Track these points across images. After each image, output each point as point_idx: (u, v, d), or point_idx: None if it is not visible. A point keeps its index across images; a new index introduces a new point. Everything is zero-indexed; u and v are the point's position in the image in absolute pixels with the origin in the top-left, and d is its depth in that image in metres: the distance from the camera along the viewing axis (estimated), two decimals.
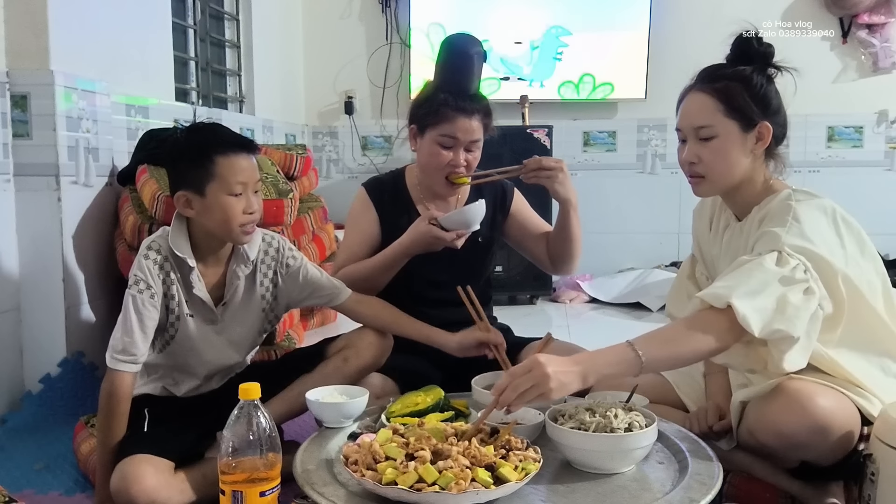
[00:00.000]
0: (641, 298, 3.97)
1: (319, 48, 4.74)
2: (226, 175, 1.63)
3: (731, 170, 1.55)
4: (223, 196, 1.63)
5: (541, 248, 2.13)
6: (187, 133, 1.73)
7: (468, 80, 1.98)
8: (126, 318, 1.60)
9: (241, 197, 1.65)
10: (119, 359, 1.58)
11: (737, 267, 1.43)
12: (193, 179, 1.64)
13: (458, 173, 1.97)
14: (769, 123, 1.54)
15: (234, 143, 1.68)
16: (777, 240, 1.42)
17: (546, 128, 4.05)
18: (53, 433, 2.14)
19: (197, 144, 1.67)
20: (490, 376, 1.73)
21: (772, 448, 1.46)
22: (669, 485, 1.31)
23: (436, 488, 1.18)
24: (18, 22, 2.25)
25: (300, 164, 3.02)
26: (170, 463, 1.53)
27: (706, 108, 1.55)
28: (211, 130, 1.72)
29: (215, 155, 1.63)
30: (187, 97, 3.57)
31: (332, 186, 4.69)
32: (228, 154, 1.64)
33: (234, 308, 1.76)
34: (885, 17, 4.27)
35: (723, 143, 1.54)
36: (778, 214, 1.48)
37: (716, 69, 1.59)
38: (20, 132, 2.27)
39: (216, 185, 1.63)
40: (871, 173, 4.48)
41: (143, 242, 1.69)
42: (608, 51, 4.47)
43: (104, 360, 1.60)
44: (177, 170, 1.70)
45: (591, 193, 4.64)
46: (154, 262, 1.65)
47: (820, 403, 1.38)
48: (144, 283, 1.63)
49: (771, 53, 1.58)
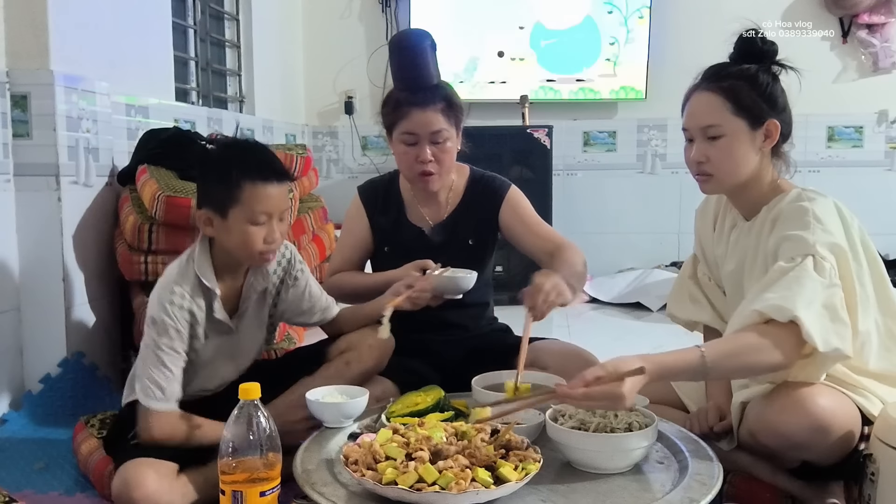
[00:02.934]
0: (641, 298, 3.97)
1: (319, 48, 4.73)
2: (251, 203, 1.56)
3: (740, 168, 1.56)
4: (245, 223, 1.57)
5: (538, 247, 2.00)
6: (221, 147, 1.66)
7: (423, 74, 1.93)
8: (157, 364, 1.54)
9: (264, 226, 1.59)
10: (154, 397, 1.53)
11: (780, 275, 1.42)
12: (217, 199, 1.58)
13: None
14: (777, 121, 1.54)
15: (266, 169, 1.58)
16: (806, 243, 1.43)
17: (546, 128, 4.05)
18: (53, 433, 2.14)
19: (227, 164, 1.58)
20: (490, 376, 1.73)
21: (772, 448, 1.46)
22: (669, 485, 1.31)
23: (436, 488, 1.18)
24: (18, 22, 2.25)
25: (300, 164, 3.02)
26: (173, 465, 1.52)
27: (713, 107, 1.55)
28: (245, 150, 1.63)
29: (243, 180, 1.55)
30: (187, 97, 3.57)
31: (332, 186, 4.69)
32: (257, 182, 1.56)
33: (246, 318, 1.74)
34: (885, 17, 4.27)
35: (731, 141, 1.54)
36: (795, 215, 1.48)
37: (721, 68, 1.59)
38: (20, 132, 2.27)
39: (239, 210, 1.57)
40: (871, 173, 4.48)
41: (165, 285, 1.60)
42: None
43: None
44: (203, 185, 1.64)
45: (591, 193, 4.65)
46: (180, 308, 1.58)
47: (820, 403, 1.38)
48: (174, 329, 1.56)
49: (775, 51, 1.59)
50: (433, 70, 1.95)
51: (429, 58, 1.94)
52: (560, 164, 4.48)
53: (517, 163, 4.02)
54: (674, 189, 4.59)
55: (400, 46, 1.97)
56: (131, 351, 2.52)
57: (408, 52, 1.96)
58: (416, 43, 1.95)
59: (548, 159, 4.06)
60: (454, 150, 1.96)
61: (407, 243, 2.03)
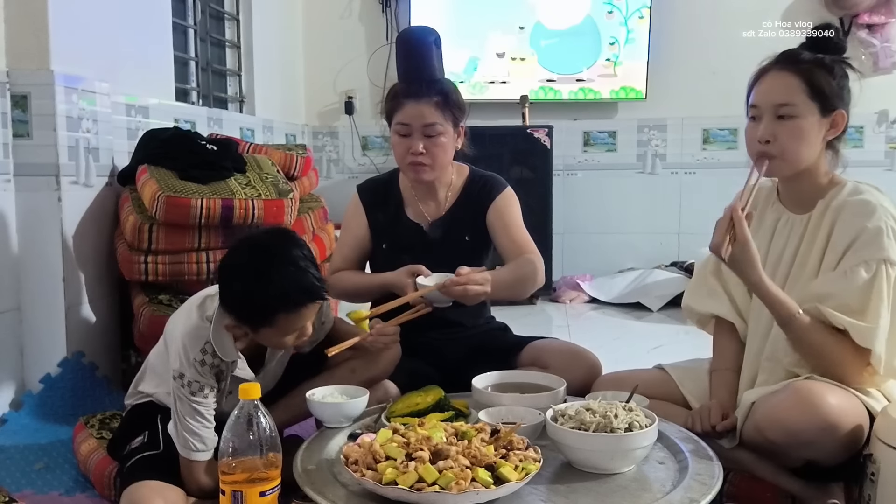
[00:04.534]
0: (641, 298, 3.97)
1: (319, 48, 4.73)
2: (284, 326, 1.51)
3: (804, 153, 1.56)
4: (277, 338, 1.54)
5: (507, 250, 2.01)
6: (246, 268, 1.47)
7: (423, 68, 1.97)
8: (192, 415, 1.51)
9: (297, 332, 1.55)
10: (195, 450, 1.50)
11: (860, 285, 1.46)
12: (247, 318, 1.51)
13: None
14: (845, 112, 1.55)
15: (303, 298, 1.49)
16: (881, 247, 1.47)
17: (546, 128, 4.05)
18: (53, 433, 2.14)
19: (255, 297, 1.47)
20: (490, 376, 1.73)
21: (779, 445, 1.45)
22: (669, 485, 1.31)
23: (436, 488, 1.18)
24: (18, 22, 2.25)
25: (300, 164, 3.02)
26: (180, 492, 1.50)
27: (790, 87, 1.55)
28: (275, 276, 1.46)
29: (280, 313, 1.48)
30: (187, 97, 3.57)
31: (332, 186, 4.69)
32: (291, 312, 1.49)
33: (271, 368, 1.71)
34: (885, 17, 4.27)
35: (801, 123, 1.55)
36: (864, 211, 1.50)
37: (798, 53, 1.59)
38: (20, 132, 2.27)
39: (272, 330, 1.52)
40: (871, 173, 4.41)
41: (190, 343, 1.52)
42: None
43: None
44: (230, 296, 1.51)
45: (591, 193, 4.65)
46: (210, 367, 1.53)
47: (830, 402, 1.38)
48: (209, 386, 1.52)
49: (844, 48, 1.60)
50: (435, 65, 1.98)
51: (431, 53, 1.98)
52: (560, 164, 4.48)
53: (517, 163, 4.03)
54: (674, 189, 4.59)
55: (405, 40, 2.02)
56: (131, 351, 2.53)
57: (411, 46, 2.00)
58: (421, 38, 1.99)
59: (548, 159, 4.06)
60: (449, 146, 1.97)
61: (405, 240, 2.04)
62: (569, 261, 4.55)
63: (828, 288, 1.50)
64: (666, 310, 3.86)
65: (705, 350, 1.82)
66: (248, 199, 2.38)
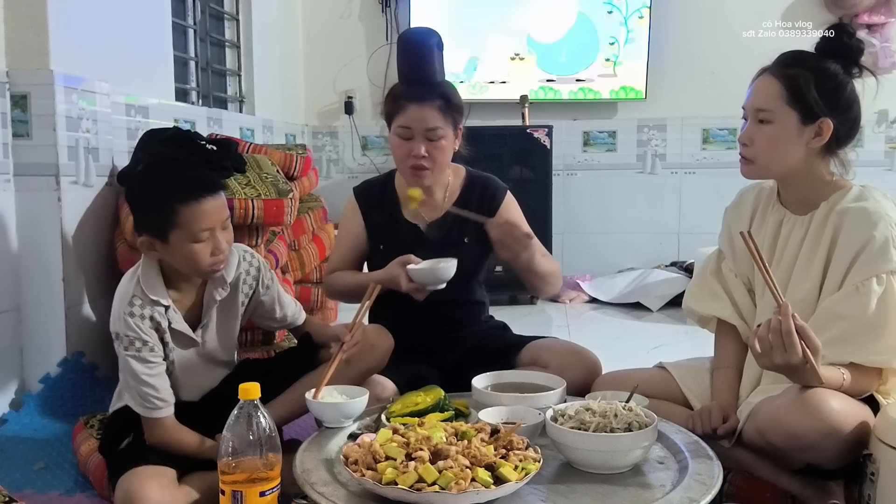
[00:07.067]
0: (641, 298, 3.97)
1: (319, 48, 4.74)
2: (189, 224, 1.52)
3: (779, 159, 1.57)
4: (187, 243, 1.54)
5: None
6: (145, 171, 1.59)
7: (425, 70, 1.95)
8: (141, 374, 1.53)
9: (208, 241, 1.56)
10: (154, 407, 1.52)
11: (874, 300, 1.46)
12: (154, 226, 1.54)
13: (418, 171, 1.93)
14: (832, 121, 1.54)
15: (196, 186, 1.54)
16: (888, 258, 1.47)
17: (546, 128, 4.05)
18: (53, 433, 2.14)
19: (154, 189, 1.54)
20: (490, 376, 1.73)
21: (780, 447, 1.45)
22: (669, 485, 1.31)
23: (436, 488, 1.18)
24: (18, 22, 2.25)
25: (300, 164, 3.02)
26: (172, 472, 1.51)
27: (770, 93, 1.56)
28: (170, 168, 1.58)
29: (176, 203, 1.51)
30: (187, 97, 3.57)
31: (332, 186, 4.69)
32: (190, 202, 1.52)
33: (212, 327, 1.73)
34: (885, 17, 4.27)
35: (777, 130, 1.55)
36: (868, 220, 1.50)
37: (794, 55, 1.59)
38: (20, 132, 2.27)
39: (179, 233, 1.53)
40: (871, 173, 4.44)
41: (122, 298, 1.58)
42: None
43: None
44: (136, 212, 1.59)
45: (590, 193, 4.65)
46: (141, 318, 1.56)
47: (833, 406, 1.38)
48: (140, 340, 1.55)
49: (858, 50, 1.58)
50: (436, 67, 1.96)
51: (433, 55, 1.96)
52: (560, 164, 4.48)
53: (517, 163, 4.03)
54: (674, 189, 4.59)
55: (406, 41, 2.00)
56: None
57: (413, 48, 1.98)
58: (422, 39, 1.97)
59: (548, 159, 4.06)
60: (449, 149, 1.97)
61: (403, 241, 2.03)
62: (569, 261, 4.54)
63: (843, 309, 1.49)
64: (666, 310, 3.86)
65: (705, 350, 1.82)
66: (247, 198, 2.38)
